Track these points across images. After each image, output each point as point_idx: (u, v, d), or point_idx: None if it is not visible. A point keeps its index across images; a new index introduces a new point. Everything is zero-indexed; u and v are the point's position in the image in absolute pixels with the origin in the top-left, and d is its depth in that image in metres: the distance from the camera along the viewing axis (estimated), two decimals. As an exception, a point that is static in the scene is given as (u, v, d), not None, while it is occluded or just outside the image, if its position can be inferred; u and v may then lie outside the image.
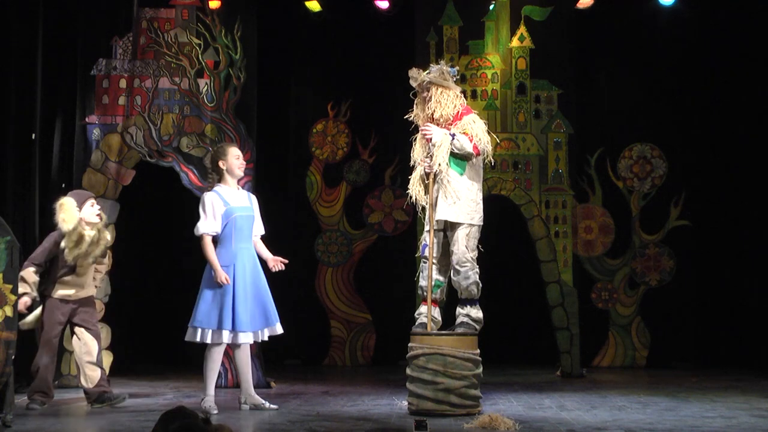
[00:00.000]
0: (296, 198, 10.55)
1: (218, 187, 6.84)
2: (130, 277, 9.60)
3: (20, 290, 6.68)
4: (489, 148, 6.69)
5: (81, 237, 6.83)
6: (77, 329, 7.01)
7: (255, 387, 8.04)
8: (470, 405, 6.39)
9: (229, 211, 6.72)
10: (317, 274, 10.47)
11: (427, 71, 6.81)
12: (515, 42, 9.42)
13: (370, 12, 9.76)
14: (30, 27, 8.20)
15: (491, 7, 9.43)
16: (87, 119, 8.54)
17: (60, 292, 6.93)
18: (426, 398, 6.35)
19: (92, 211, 6.98)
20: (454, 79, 6.82)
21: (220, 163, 6.86)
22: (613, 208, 10.02)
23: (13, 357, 5.94)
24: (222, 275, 6.57)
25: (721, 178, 9.90)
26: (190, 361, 8.59)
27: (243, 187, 8.36)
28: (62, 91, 8.65)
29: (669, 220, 10.02)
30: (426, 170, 6.71)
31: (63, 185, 8.55)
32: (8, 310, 5.91)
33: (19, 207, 8.02)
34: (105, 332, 8.13)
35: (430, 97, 6.71)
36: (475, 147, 6.61)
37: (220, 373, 8.21)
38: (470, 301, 6.65)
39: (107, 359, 8.11)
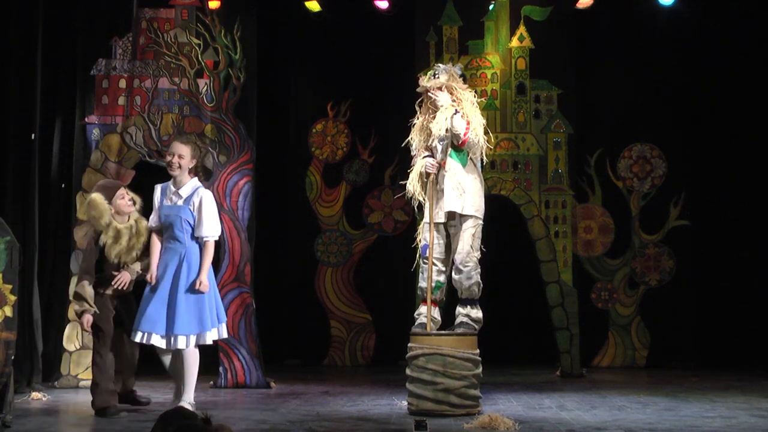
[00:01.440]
0: (296, 198, 10.54)
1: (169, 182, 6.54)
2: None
3: (78, 308, 6.42)
4: (481, 144, 6.66)
5: (118, 232, 6.46)
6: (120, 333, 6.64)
7: (255, 387, 8.09)
8: (470, 405, 6.39)
9: (159, 207, 6.47)
10: (317, 274, 10.46)
11: (433, 73, 6.79)
12: (515, 42, 9.41)
13: (370, 12, 9.76)
14: (30, 27, 8.19)
15: (491, 7, 9.42)
16: (86, 119, 8.53)
17: (109, 289, 6.53)
18: (426, 398, 6.34)
19: (123, 202, 6.53)
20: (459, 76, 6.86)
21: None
22: (613, 208, 10.02)
23: (12, 357, 5.93)
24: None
25: (721, 178, 9.90)
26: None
27: (243, 188, 8.38)
28: (62, 91, 8.64)
29: (669, 220, 10.01)
30: (427, 170, 6.70)
31: (63, 185, 8.56)
32: (8, 310, 5.89)
33: (19, 207, 8.00)
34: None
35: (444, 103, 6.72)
36: (465, 136, 6.58)
37: (220, 373, 8.22)
38: (470, 301, 6.64)
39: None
